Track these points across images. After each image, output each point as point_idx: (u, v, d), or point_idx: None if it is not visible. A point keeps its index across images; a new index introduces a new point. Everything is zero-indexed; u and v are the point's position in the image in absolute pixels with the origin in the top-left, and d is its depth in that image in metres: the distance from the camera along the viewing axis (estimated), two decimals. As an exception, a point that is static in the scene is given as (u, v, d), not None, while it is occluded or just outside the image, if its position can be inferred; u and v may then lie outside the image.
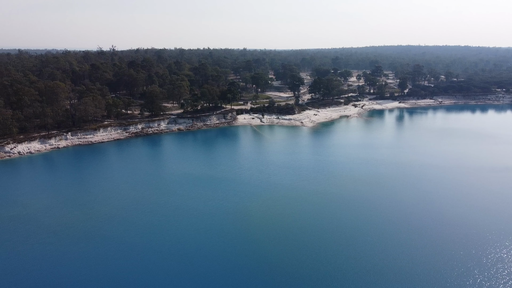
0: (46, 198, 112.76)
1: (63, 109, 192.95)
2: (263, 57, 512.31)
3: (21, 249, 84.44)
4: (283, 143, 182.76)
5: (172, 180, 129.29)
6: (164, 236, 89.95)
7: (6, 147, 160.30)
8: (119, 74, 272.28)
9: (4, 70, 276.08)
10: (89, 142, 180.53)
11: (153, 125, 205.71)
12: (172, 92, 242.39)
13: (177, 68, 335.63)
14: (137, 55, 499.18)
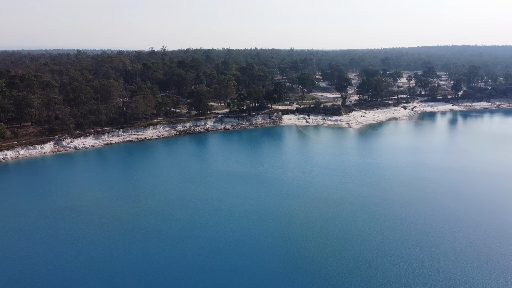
0: (98, 191, 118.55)
1: (116, 106, 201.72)
2: (310, 57, 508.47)
3: (73, 238, 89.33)
4: (328, 144, 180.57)
5: (216, 177, 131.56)
6: (206, 232, 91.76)
7: (64, 142, 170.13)
8: (169, 74, 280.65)
9: (64, 69, 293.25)
10: (139, 138, 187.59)
11: (200, 124, 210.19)
12: (219, 91, 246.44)
13: (225, 68, 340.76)
14: (186, 55, 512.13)
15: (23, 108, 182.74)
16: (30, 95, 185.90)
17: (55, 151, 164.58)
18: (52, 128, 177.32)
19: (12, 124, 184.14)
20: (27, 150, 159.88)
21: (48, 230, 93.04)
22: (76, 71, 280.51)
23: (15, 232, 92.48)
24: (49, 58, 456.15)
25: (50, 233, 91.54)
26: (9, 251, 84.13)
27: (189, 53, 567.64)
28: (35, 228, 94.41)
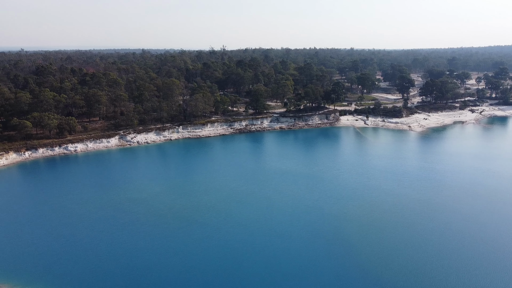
0: (157, 185, 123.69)
1: (177, 104, 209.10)
2: (371, 57, 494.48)
3: (132, 228, 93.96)
4: (387, 147, 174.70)
5: (270, 176, 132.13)
6: (257, 230, 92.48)
7: (128, 137, 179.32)
8: (227, 73, 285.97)
9: (130, 68, 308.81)
10: (197, 136, 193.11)
11: (256, 123, 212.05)
12: (277, 91, 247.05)
13: (283, 67, 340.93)
14: (245, 54, 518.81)
15: (92, 104, 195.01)
16: (99, 92, 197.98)
17: (120, 145, 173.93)
18: (118, 123, 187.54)
19: (82, 118, 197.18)
20: (95, 143, 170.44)
21: (110, 219, 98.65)
22: (141, 70, 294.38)
23: (80, 219, 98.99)
24: (117, 57, 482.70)
25: (111, 222, 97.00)
26: (75, 236, 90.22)
27: (248, 52, 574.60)
28: (98, 216, 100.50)
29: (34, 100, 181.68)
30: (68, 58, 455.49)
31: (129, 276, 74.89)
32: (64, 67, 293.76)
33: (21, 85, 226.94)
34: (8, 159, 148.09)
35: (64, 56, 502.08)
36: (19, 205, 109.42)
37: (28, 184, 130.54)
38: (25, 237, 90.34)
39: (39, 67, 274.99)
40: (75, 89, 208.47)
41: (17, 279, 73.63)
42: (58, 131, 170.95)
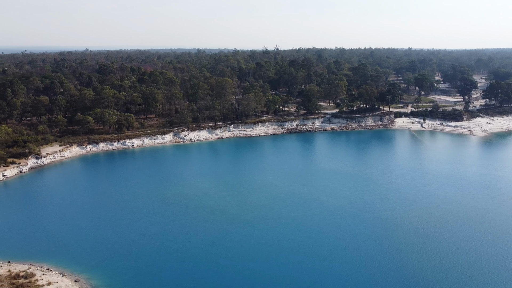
0: (207, 181, 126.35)
1: (229, 103, 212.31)
2: (429, 57, 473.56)
3: (182, 222, 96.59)
4: (445, 151, 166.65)
5: (320, 176, 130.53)
6: (304, 230, 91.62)
7: (181, 134, 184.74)
8: (280, 73, 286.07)
9: (185, 67, 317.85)
10: (248, 135, 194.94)
11: (308, 123, 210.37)
12: (329, 91, 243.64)
13: (336, 67, 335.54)
14: (298, 54, 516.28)
15: (149, 101, 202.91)
16: (156, 90, 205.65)
17: (173, 142, 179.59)
18: (172, 121, 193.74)
19: (139, 115, 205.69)
20: (150, 139, 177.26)
21: (161, 213, 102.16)
22: (195, 69, 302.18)
23: (135, 211, 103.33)
24: (173, 57, 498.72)
25: (163, 215, 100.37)
26: (129, 228, 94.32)
27: (301, 52, 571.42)
28: (151, 209, 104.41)
29: (96, 97, 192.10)
30: (128, 57, 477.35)
31: (176, 268, 77.06)
32: (124, 66, 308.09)
33: (85, 83, 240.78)
34: (72, 152, 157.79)
35: (125, 55, 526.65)
36: (80, 195, 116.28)
37: (89, 176, 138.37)
38: (85, 226, 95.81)
39: (101, 66, 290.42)
40: (133, 87, 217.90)
41: (77, 265, 78.23)
42: (117, 127, 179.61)
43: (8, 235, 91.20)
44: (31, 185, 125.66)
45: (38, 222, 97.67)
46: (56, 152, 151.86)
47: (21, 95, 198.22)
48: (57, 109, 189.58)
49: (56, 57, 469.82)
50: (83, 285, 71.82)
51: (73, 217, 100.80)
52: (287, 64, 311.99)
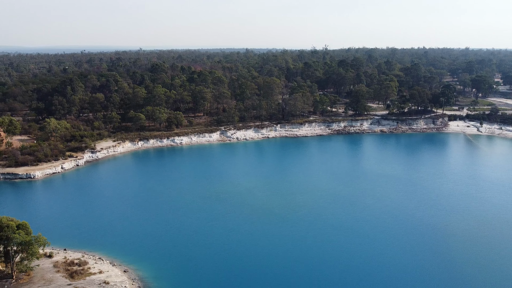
0: (253, 181, 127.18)
1: (276, 103, 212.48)
2: (489, 58, 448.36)
3: (226, 219, 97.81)
4: (502, 157, 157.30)
5: (366, 179, 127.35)
6: (350, 234, 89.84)
7: (228, 133, 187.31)
8: (328, 73, 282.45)
9: (234, 67, 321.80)
10: (294, 135, 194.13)
11: (356, 124, 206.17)
12: (379, 92, 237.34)
13: (387, 68, 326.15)
14: (347, 54, 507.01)
15: (198, 100, 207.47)
16: (204, 89, 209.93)
17: (220, 140, 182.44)
18: (220, 119, 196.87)
19: (188, 113, 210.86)
20: (198, 137, 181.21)
21: (207, 209, 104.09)
22: (243, 69, 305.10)
23: (181, 206, 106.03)
24: (222, 56, 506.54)
25: (208, 212, 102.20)
26: (176, 222, 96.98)
27: (350, 52, 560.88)
28: (197, 205, 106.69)
29: (148, 95, 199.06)
30: (179, 57, 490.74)
31: (219, 264, 78.18)
32: (175, 65, 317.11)
33: (138, 81, 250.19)
34: (124, 147, 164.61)
35: (176, 55, 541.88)
36: (130, 189, 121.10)
37: (139, 171, 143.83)
38: (134, 218, 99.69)
39: (154, 65, 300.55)
40: (183, 86, 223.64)
41: (126, 256, 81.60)
42: (167, 124, 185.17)
43: (65, 223, 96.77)
44: (86, 178, 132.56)
45: (91, 213, 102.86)
46: (110, 147, 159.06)
47: (80, 92, 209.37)
48: (111, 106, 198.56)
49: (112, 56, 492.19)
50: (131, 276, 74.73)
51: (123, 209, 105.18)
52: (336, 64, 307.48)
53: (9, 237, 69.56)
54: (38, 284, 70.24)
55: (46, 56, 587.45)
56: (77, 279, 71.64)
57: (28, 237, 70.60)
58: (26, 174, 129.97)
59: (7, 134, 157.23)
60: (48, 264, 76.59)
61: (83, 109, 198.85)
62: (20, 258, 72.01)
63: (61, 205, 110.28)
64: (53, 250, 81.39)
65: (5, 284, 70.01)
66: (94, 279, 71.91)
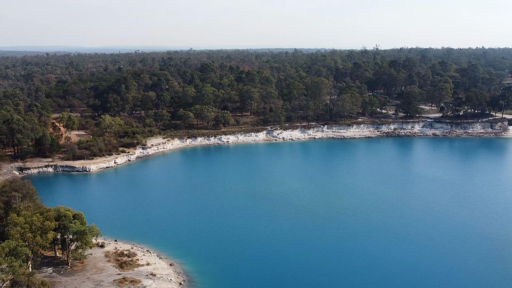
0: (297, 181, 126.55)
1: (323, 103, 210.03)
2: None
3: (269, 218, 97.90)
4: None
5: (416, 184, 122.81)
6: (395, 239, 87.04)
7: (275, 132, 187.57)
8: (378, 73, 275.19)
9: (281, 66, 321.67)
10: (341, 136, 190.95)
11: (406, 127, 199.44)
12: (432, 94, 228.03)
13: (442, 68, 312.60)
14: (399, 54, 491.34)
15: (245, 99, 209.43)
16: (252, 89, 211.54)
17: (266, 140, 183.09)
18: (266, 119, 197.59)
19: (235, 113, 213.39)
20: (244, 136, 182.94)
21: (251, 207, 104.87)
22: (291, 68, 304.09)
23: (225, 204, 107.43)
24: (271, 56, 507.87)
25: (251, 210, 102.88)
26: (220, 219, 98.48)
27: (403, 52, 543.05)
28: (241, 203, 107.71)
29: (197, 94, 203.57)
30: (228, 56, 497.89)
31: (261, 262, 78.42)
32: (224, 65, 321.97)
33: (188, 80, 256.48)
34: (173, 144, 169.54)
35: (225, 54, 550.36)
36: (178, 185, 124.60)
37: (186, 168, 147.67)
38: (180, 213, 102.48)
39: (203, 65, 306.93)
40: (231, 85, 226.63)
41: (172, 250, 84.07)
42: (214, 123, 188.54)
43: (116, 215, 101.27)
44: (137, 173, 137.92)
45: (141, 207, 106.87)
46: (160, 144, 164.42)
47: (133, 90, 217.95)
48: (162, 104, 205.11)
49: (164, 56, 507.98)
50: (177, 269, 76.84)
51: (170, 204, 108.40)
52: (386, 64, 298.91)
53: (66, 226, 73.87)
54: (91, 272, 73.97)
55: (103, 55, 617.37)
56: (126, 270, 74.71)
57: (83, 227, 74.58)
58: (82, 167, 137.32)
59: (66, 129, 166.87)
60: (100, 254, 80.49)
61: (136, 106, 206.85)
62: (75, 246, 76.21)
63: (113, 198, 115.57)
64: (104, 241, 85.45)
65: (61, 270, 74.38)
66: (142, 271, 74.67)
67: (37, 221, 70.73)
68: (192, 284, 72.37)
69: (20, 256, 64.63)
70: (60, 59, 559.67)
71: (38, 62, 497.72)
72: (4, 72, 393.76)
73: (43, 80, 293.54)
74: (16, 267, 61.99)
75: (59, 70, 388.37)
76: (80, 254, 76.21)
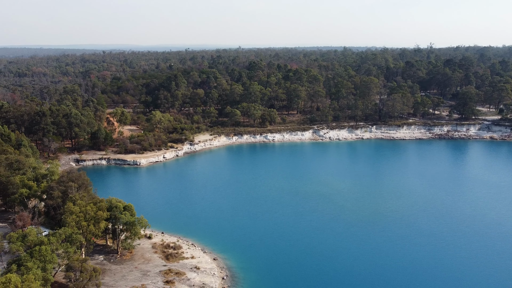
0: (342, 181, 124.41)
1: (372, 103, 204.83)
2: None
3: (312, 217, 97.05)
4: None
5: (470, 187, 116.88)
6: (443, 245, 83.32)
7: (321, 132, 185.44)
8: (432, 73, 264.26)
9: (330, 65, 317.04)
10: (390, 137, 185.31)
11: (461, 129, 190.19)
12: (491, 95, 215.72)
13: (502, 68, 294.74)
14: (456, 53, 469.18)
15: (292, 98, 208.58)
16: (299, 87, 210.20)
17: (312, 139, 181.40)
18: (313, 118, 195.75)
19: (282, 111, 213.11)
20: (290, 135, 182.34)
21: (293, 206, 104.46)
22: (340, 67, 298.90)
23: (268, 201, 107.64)
24: (319, 55, 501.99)
25: (295, 208, 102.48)
26: (263, 216, 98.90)
27: (459, 50, 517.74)
28: (285, 201, 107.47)
29: (244, 92, 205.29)
30: (276, 54, 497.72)
31: (303, 261, 77.92)
32: (271, 63, 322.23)
33: (236, 78, 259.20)
34: (220, 141, 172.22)
35: (273, 53, 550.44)
36: (223, 181, 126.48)
37: (232, 164, 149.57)
38: (224, 209, 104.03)
39: (251, 63, 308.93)
40: (278, 83, 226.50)
41: (216, 245, 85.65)
42: (260, 121, 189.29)
43: (163, 208, 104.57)
44: (184, 168, 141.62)
45: (187, 201, 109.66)
46: (207, 140, 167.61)
47: (182, 87, 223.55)
48: (210, 102, 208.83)
49: (213, 54, 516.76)
50: (220, 264, 78.11)
51: (215, 200, 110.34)
52: (441, 64, 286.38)
53: (116, 216, 77.22)
54: (138, 261, 76.86)
55: (155, 53, 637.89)
56: (172, 261, 76.93)
57: (132, 218, 77.66)
58: (133, 161, 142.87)
59: (119, 124, 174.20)
60: (147, 245, 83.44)
61: (185, 103, 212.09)
62: (125, 236, 79.49)
63: (161, 191, 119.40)
64: (152, 232, 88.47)
65: (111, 258, 77.91)
66: (186, 263, 76.57)
67: (90, 211, 74.48)
68: (235, 280, 73.30)
69: (74, 243, 68.40)
70: (115, 57, 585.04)
71: (95, 60, 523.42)
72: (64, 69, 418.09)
73: (99, 77, 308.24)
74: (71, 253, 65.68)
75: (114, 68, 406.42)
76: (129, 244, 79.40)
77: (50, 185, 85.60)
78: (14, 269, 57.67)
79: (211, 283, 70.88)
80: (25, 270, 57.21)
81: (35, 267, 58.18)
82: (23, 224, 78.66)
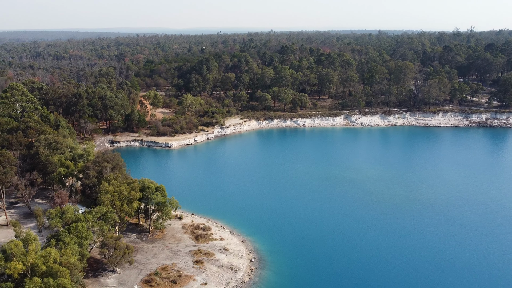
0: (374, 168, 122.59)
1: (407, 89, 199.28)
2: None
3: (341, 204, 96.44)
4: None
5: (508, 178, 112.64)
6: (475, 235, 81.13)
7: (353, 117, 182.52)
8: (472, 57, 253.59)
9: (364, 49, 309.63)
10: (425, 124, 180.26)
11: (501, 117, 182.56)
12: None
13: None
14: (498, 37, 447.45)
15: (324, 82, 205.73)
16: (331, 72, 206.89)
17: (344, 124, 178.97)
18: (345, 103, 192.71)
19: (313, 96, 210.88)
20: (321, 120, 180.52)
21: (322, 191, 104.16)
22: (374, 51, 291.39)
23: (298, 186, 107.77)
24: (353, 38, 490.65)
25: (325, 194, 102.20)
26: (291, 200, 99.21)
27: (502, 34, 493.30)
28: (313, 186, 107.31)
29: (276, 76, 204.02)
30: (308, 38, 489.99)
31: (328, 247, 77.96)
32: (303, 47, 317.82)
33: (267, 62, 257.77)
34: (250, 125, 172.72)
35: (305, 36, 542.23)
36: (252, 165, 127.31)
37: (261, 149, 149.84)
38: (253, 192, 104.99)
39: (283, 47, 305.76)
40: (310, 68, 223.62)
41: (244, 227, 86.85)
42: (291, 106, 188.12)
43: (194, 190, 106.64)
44: (214, 151, 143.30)
45: (217, 183, 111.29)
46: (237, 124, 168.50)
47: (214, 71, 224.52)
48: (241, 85, 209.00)
49: (245, 37, 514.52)
50: (248, 246, 79.24)
51: (244, 183, 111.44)
52: (482, 48, 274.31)
53: (149, 197, 79.41)
54: (169, 241, 79.07)
55: (187, 37, 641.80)
56: (201, 242, 78.69)
57: (164, 199, 79.68)
58: (165, 143, 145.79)
59: (152, 106, 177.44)
60: (178, 225, 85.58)
61: (216, 87, 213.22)
62: (156, 216, 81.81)
63: (192, 173, 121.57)
64: (182, 213, 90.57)
65: (143, 237, 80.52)
66: (215, 245, 78.14)
67: (124, 191, 76.89)
68: (262, 262, 74.27)
69: (109, 221, 71.07)
70: (149, 40, 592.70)
71: (129, 43, 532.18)
72: (100, 52, 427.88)
73: (133, 60, 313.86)
74: (105, 230, 68.32)
75: (147, 51, 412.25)
76: (160, 224, 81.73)
77: (86, 165, 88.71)
78: (53, 243, 60.62)
79: (239, 265, 72.15)
80: (63, 245, 60.03)
81: (72, 243, 60.95)
82: (61, 201, 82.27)
